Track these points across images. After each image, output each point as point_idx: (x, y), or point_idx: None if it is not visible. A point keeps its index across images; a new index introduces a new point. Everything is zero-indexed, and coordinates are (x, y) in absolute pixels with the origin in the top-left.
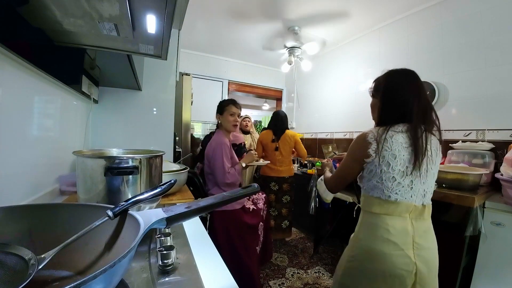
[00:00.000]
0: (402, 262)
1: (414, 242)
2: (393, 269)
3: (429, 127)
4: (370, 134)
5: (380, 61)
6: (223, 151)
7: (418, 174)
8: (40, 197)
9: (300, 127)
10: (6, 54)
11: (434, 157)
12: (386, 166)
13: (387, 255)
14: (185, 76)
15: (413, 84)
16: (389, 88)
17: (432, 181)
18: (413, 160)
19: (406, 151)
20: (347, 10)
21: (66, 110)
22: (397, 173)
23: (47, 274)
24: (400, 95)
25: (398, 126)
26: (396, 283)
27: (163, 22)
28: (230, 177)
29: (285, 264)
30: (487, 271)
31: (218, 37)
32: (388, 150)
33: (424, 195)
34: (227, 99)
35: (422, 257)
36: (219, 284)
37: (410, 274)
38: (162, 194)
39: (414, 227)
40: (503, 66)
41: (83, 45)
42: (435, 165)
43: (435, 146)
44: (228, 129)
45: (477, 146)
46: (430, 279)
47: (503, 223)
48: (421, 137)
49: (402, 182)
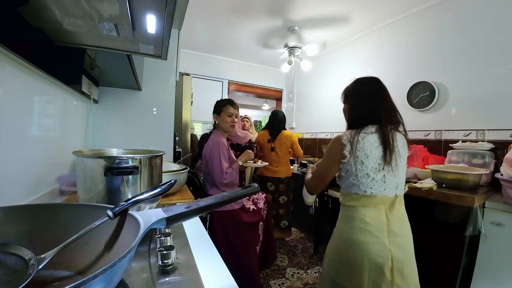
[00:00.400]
0: (379, 249)
1: (389, 230)
2: (371, 256)
3: (395, 126)
4: (344, 137)
5: (380, 61)
6: (220, 151)
7: (389, 169)
8: (40, 197)
9: (300, 127)
10: (6, 54)
11: (402, 152)
12: (360, 165)
13: (364, 244)
14: (185, 76)
15: (378, 89)
16: (357, 94)
17: (402, 173)
18: (384, 157)
19: (377, 150)
20: (347, 11)
21: (66, 110)
22: (370, 169)
23: (47, 274)
24: (367, 100)
25: (367, 128)
26: (375, 269)
27: (163, 22)
28: (228, 177)
29: (285, 264)
30: (487, 271)
31: (218, 37)
32: (361, 150)
33: (397, 187)
34: (224, 99)
35: (397, 243)
36: (219, 284)
37: (387, 260)
38: (162, 194)
39: (388, 217)
40: (503, 66)
41: (83, 45)
42: (403, 159)
43: (401, 142)
44: (225, 129)
45: (477, 146)
46: (406, 264)
47: (503, 223)
48: (389, 135)
49: (376, 177)
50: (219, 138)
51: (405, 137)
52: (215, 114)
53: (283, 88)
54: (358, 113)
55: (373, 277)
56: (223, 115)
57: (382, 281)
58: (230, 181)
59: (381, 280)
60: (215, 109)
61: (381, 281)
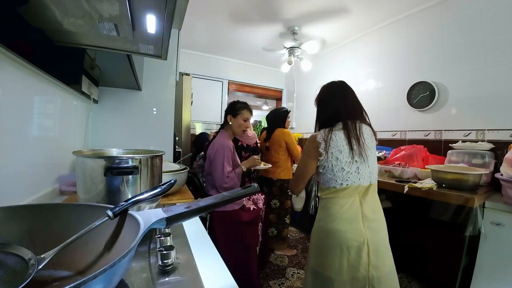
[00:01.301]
0: (355, 234)
1: (363, 216)
2: (348, 242)
3: (362, 120)
4: (319, 135)
5: (380, 61)
6: (225, 155)
7: (362, 160)
8: (40, 197)
9: (300, 127)
10: (6, 54)
11: (369, 143)
12: (335, 160)
13: (341, 231)
14: (185, 76)
15: (340, 91)
16: (322, 97)
17: (374, 162)
18: (351, 150)
19: (348, 145)
20: (347, 10)
21: (66, 110)
22: (345, 164)
23: (47, 274)
24: (330, 101)
25: (337, 125)
26: (353, 253)
27: (163, 22)
28: (229, 181)
29: (285, 264)
30: (487, 271)
31: (218, 37)
32: (335, 146)
33: (370, 176)
34: (241, 102)
35: (371, 227)
36: (219, 284)
37: (363, 244)
38: (162, 194)
39: (362, 204)
40: (503, 66)
41: (83, 45)
42: (372, 149)
43: (369, 134)
44: (237, 133)
45: (477, 146)
46: (380, 246)
47: (503, 223)
48: (352, 130)
49: (351, 170)
50: (225, 140)
51: (371, 129)
52: (229, 115)
53: (283, 88)
54: (323, 113)
55: (351, 262)
56: (239, 118)
57: (359, 263)
58: (231, 185)
59: (358, 263)
60: (231, 110)
61: (358, 264)
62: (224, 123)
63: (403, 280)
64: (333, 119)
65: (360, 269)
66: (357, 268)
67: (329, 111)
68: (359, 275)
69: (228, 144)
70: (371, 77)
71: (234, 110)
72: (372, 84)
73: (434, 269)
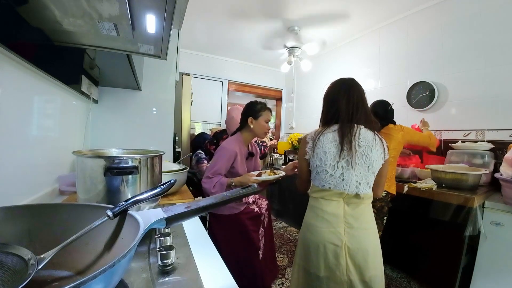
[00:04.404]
0: (332, 236)
1: (345, 221)
2: (325, 241)
3: (366, 124)
4: (309, 135)
5: (380, 61)
6: (226, 157)
7: (349, 167)
8: (39, 197)
9: (300, 127)
10: (6, 54)
11: (367, 152)
12: (319, 161)
13: (320, 229)
14: (184, 76)
15: (346, 90)
16: (326, 95)
17: (365, 172)
18: (339, 154)
19: (336, 148)
20: (347, 10)
21: (66, 110)
22: (328, 166)
23: (46, 274)
24: (334, 100)
25: (333, 126)
26: (330, 255)
27: (163, 22)
28: (208, 182)
29: (285, 264)
30: (486, 271)
31: (218, 37)
32: (320, 147)
33: (357, 186)
34: (260, 102)
35: (351, 234)
36: (219, 284)
37: (340, 249)
38: (161, 194)
39: (346, 210)
40: (503, 66)
41: (83, 45)
42: (368, 159)
43: (369, 142)
44: (259, 135)
45: (476, 146)
46: (360, 255)
47: (503, 223)
48: (346, 134)
49: (334, 174)
50: (234, 144)
51: (378, 137)
52: (250, 117)
53: (283, 88)
54: (325, 112)
55: (328, 263)
56: (261, 120)
57: (336, 267)
58: (206, 188)
59: (335, 266)
60: (251, 112)
61: (335, 267)
62: (242, 125)
63: (403, 280)
64: (333, 119)
65: (336, 272)
66: (333, 271)
67: (331, 110)
68: (336, 278)
69: (234, 148)
70: (371, 77)
71: (255, 111)
72: (372, 84)
73: (433, 269)
